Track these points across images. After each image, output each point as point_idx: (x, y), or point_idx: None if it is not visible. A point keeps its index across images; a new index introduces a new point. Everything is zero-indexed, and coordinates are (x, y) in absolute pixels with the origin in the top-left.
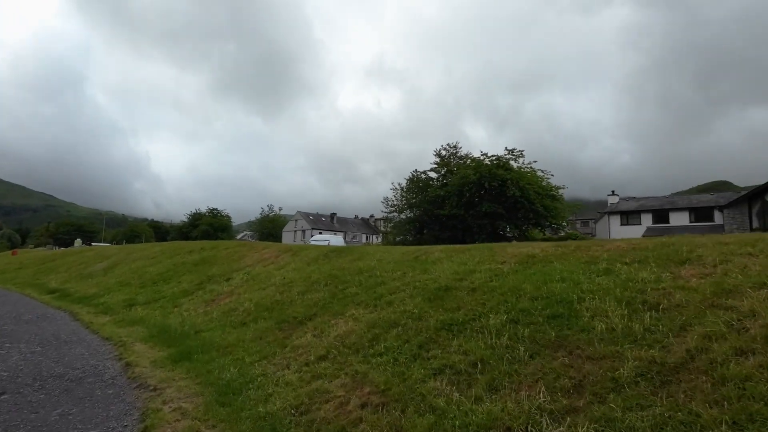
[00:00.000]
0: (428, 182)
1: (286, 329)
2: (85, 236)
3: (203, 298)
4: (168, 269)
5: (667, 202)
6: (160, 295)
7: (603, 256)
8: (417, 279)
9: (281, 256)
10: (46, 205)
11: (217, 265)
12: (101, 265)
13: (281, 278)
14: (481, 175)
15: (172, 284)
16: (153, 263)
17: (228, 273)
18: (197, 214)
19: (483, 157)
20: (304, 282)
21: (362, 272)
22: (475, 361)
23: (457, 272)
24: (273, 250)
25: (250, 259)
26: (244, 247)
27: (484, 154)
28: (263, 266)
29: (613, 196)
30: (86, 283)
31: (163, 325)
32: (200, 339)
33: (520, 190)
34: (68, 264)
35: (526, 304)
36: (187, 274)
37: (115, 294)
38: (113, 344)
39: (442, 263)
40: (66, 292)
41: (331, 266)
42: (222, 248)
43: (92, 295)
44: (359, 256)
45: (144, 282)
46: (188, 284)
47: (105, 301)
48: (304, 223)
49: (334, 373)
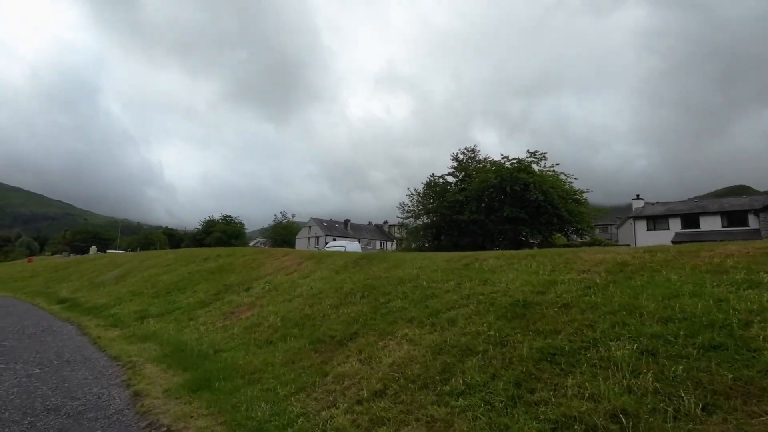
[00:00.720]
0: (446, 187)
1: (322, 351)
2: (101, 244)
3: (221, 310)
4: (183, 278)
5: (696, 206)
6: (175, 306)
7: (728, 264)
8: (478, 291)
9: (304, 263)
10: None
11: (234, 273)
12: (113, 273)
13: (308, 288)
14: (503, 178)
15: (187, 294)
16: (167, 271)
17: (247, 282)
18: (211, 221)
19: (504, 160)
20: (335, 293)
21: (404, 282)
22: (614, 413)
23: (531, 283)
24: (294, 257)
25: (269, 266)
26: (262, 254)
27: (504, 157)
28: (285, 275)
29: (638, 200)
30: (97, 292)
31: (177, 342)
32: (221, 360)
33: (544, 194)
34: (80, 272)
35: (657, 328)
36: (203, 283)
37: (127, 304)
38: (121, 366)
39: (504, 272)
40: (76, 302)
41: (365, 275)
42: (239, 255)
43: (102, 306)
44: (395, 263)
45: (157, 291)
46: (204, 294)
47: (116, 312)
48: (317, 229)
49: (400, 417)
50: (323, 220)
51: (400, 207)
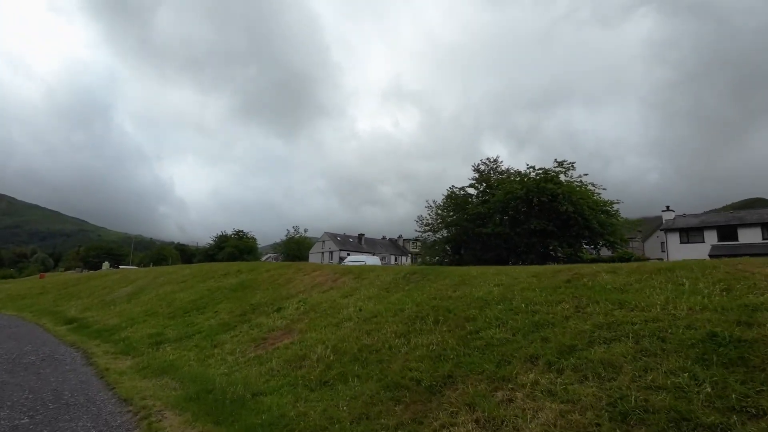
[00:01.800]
0: (467, 199)
1: (407, 402)
2: (114, 260)
3: (250, 335)
4: (201, 296)
5: (733, 218)
6: (194, 329)
7: None
8: (621, 318)
9: (340, 279)
10: (79, 229)
11: (260, 290)
12: (126, 290)
13: (356, 310)
14: (528, 189)
15: (208, 314)
16: (183, 288)
17: (276, 301)
18: (223, 236)
19: (529, 170)
20: (395, 317)
21: (489, 304)
22: None
23: (712, 308)
24: (326, 272)
25: (300, 283)
26: (288, 268)
27: (531, 167)
28: (321, 292)
29: (668, 212)
30: (108, 312)
31: (202, 378)
32: (263, 409)
33: (573, 205)
34: (91, 289)
35: None
36: (224, 302)
37: (140, 326)
38: (133, 413)
39: (641, 291)
40: (84, 323)
41: (427, 294)
42: (262, 270)
43: (113, 327)
44: (460, 279)
45: (174, 311)
46: (228, 315)
47: (127, 336)
48: (332, 244)
49: None
50: (337, 235)
51: (418, 220)
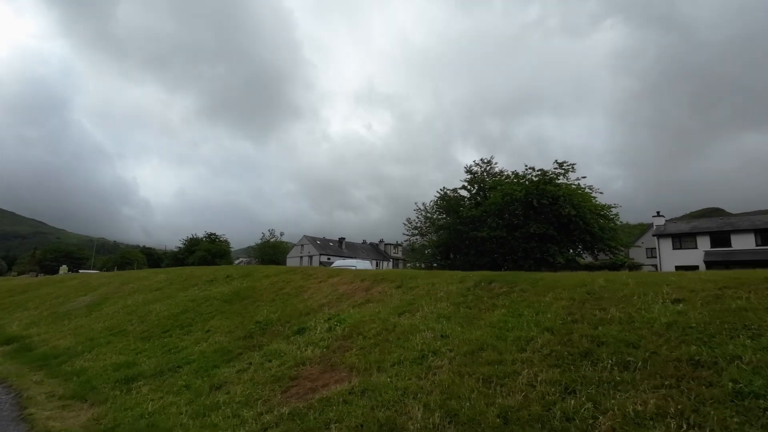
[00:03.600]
0: (459, 202)
1: None
2: (73, 263)
3: (268, 370)
4: (184, 308)
5: (725, 224)
6: (180, 357)
7: None
8: None
9: (375, 289)
10: (36, 231)
11: (264, 302)
12: (85, 299)
13: (436, 336)
14: (528, 191)
15: (196, 335)
16: (159, 298)
17: (293, 318)
18: (194, 239)
19: (528, 171)
20: (520, 352)
21: (711, 336)
22: None
23: None
24: (347, 278)
25: (318, 293)
26: (293, 273)
27: (530, 168)
28: (355, 306)
29: (659, 217)
30: (60, 328)
31: None
32: None
33: (575, 209)
34: (42, 297)
35: None
36: (218, 317)
37: (102, 350)
38: None
39: None
40: (27, 344)
41: (550, 313)
42: (259, 276)
43: (65, 352)
44: (586, 291)
45: (148, 329)
46: (226, 336)
47: (84, 366)
48: (311, 248)
49: None
50: (317, 238)
51: (406, 223)
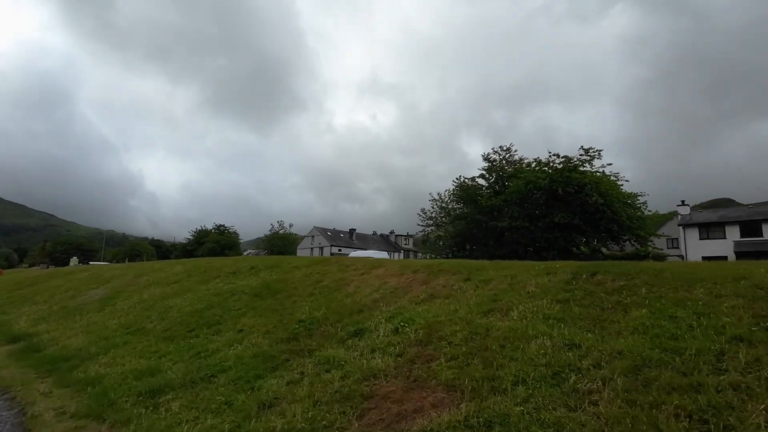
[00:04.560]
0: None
1: None
2: (83, 255)
3: (328, 383)
4: (209, 303)
5: (756, 213)
6: (212, 362)
7: None
8: None
9: (436, 281)
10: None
11: (301, 297)
12: (97, 292)
13: (556, 346)
14: (552, 179)
15: (227, 335)
16: (178, 292)
17: (343, 316)
18: (203, 231)
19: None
20: (706, 365)
21: None
22: None
23: None
24: (394, 269)
25: (365, 286)
26: (327, 264)
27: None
28: (419, 303)
29: (683, 206)
30: (71, 324)
31: None
32: None
33: (603, 197)
34: (51, 290)
35: None
36: (250, 315)
37: (119, 353)
38: None
39: None
40: (35, 343)
41: (691, 309)
42: (288, 267)
43: (76, 353)
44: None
45: (170, 327)
46: (264, 337)
47: (99, 373)
48: (322, 239)
49: None
50: (327, 230)
51: (421, 213)
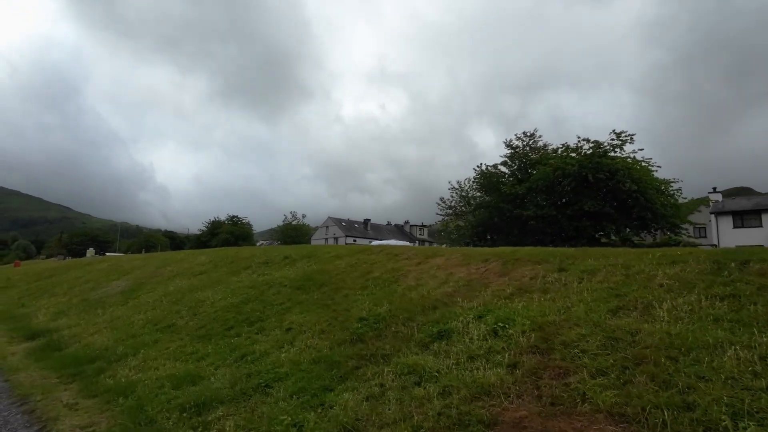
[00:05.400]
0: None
1: None
2: (99, 247)
3: (426, 405)
4: (245, 297)
5: None
6: (263, 368)
7: None
8: None
9: (517, 271)
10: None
11: (352, 290)
12: (119, 284)
13: (752, 354)
14: (582, 165)
15: (274, 333)
16: (207, 284)
17: (414, 313)
18: (216, 222)
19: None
20: None
21: None
22: None
23: None
24: (456, 258)
25: (429, 278)
26: (372, 254)
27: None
28: (507, 298)
29: (715, 193)
30: (93, 319)
31: None
32: None
33: (636, 183)
34: (70, 282)
35: None
36: (296, 310)
37: (150, 353)
38: None
39: None
40: (55, 340)
41: None
42: (327, 257)
43: (102, 353)
44: None
45: (205, 324)
46: (319, 338)
47: (130, 378)
48: (336, 229)
49: None
50: (342, 220)
51: (440, 203)
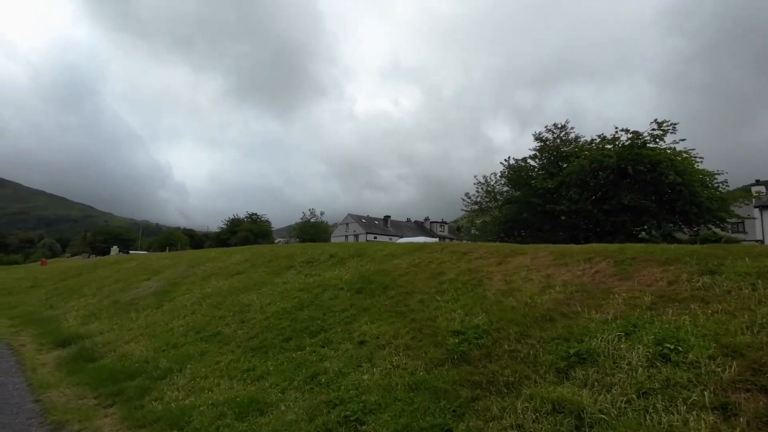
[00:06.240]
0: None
1: None
2: (122, 245)
3: None
4: (299, 301)
5: None
6: (346, 395)
7: None
8: None
9: (646, 274)
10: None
11: (426, 294)
12: (150, 285)
13: None
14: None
15: (344, 348)
16: (247, 284)
17: (525, 326)
18: (236, 219)
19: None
20: None
21: None
22: None
23: None
24: (546, 258)
25: (521, 281)
26: (432, 252)
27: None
28: (658, 311)
29: (758, 185)
30: (127, 324)
31: None
32: None
33: (680, 176)
34: (99, 281)
35: None
36: (363, 319)
37: (199, 370)
38: None
39: None
40: (88, 349)
41: None
42: (380, 255)
43: (141, 366)
44: None
45: (258, 334)
46: (405, 355)
47: (181, 403)
48: (356, 226)
49: None
50: (362, 217)
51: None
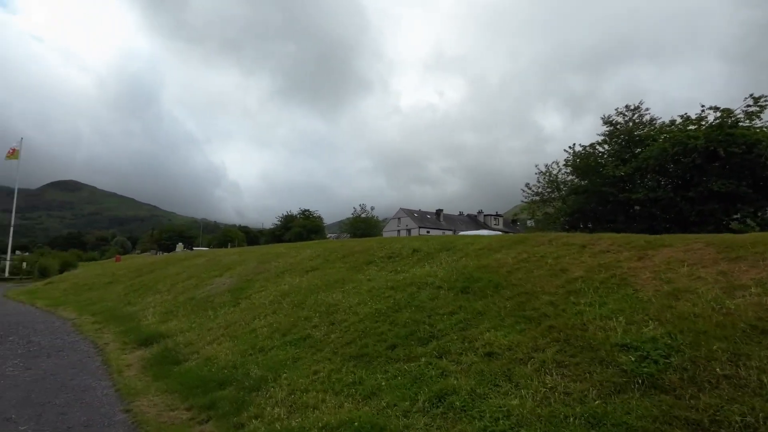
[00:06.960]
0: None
1: None
2: (185, 242)
3: None
4: (394, 302)
5: None
6: (489, 424)
7: None
8: None
9: None
10: (152, 215)
11: (549, 295)
12: (222, 281)
13: None
14: (710, 138)
15: (468, 359)
16: (326, 281)
17: (732, 343)
18: (289, 216)
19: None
20: None
21: None
22: None
23: None
24: (701, 250)
25: (687, 279)
26: (536, 245)
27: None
28: None
29: None
30: (206, 323)
31: None
32: None
33: None
34: (171, 277)
35: None
36: (482, 324)
37: (296, 380)
38: None
39: None
40: (170, 350)
41: None
42: (470, 249)
43: (230, 373)
44: None
45: (354, 339)
46: (560, 375)
47: (287, 424)
48: (409, 221)
49: None
50: (414, 211)
51: (525, 189)
